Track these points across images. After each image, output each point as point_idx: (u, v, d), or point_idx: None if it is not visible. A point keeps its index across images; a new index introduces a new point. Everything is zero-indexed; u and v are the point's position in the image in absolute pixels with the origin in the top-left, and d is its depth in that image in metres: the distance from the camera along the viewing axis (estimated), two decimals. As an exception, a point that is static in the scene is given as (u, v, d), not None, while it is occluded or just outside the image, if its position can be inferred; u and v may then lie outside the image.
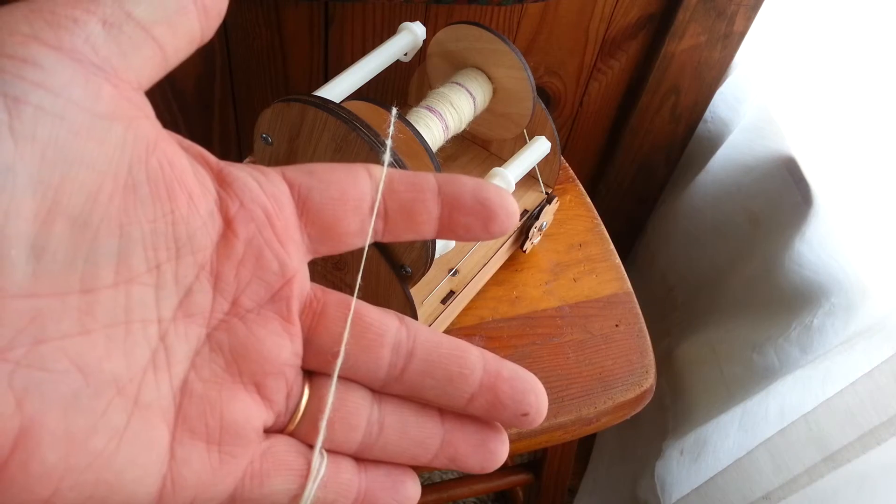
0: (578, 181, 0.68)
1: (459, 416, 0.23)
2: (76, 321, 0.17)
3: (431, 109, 0.51)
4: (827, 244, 0.69)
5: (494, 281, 0.59)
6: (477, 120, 0.55)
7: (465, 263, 0.56)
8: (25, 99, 0.16)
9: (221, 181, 0.21)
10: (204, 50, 0.66)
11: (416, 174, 0.22)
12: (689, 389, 0.86)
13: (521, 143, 0.58)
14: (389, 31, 0.65)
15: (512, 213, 0.22)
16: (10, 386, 0.16)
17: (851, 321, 0.65)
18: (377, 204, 0.22)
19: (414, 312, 0.48)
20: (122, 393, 0.18)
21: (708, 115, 0.87)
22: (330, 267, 0.50)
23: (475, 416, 0.23)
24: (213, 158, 0.21)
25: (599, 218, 0.65)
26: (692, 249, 0.92)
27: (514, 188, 0.51)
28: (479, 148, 0.64)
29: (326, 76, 0.72)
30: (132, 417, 0.19)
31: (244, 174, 0.21)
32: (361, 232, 0.22)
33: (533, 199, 0.61)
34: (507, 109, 0.56)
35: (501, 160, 0.62)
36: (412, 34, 0.52)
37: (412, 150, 0.45)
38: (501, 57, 0.53)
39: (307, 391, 0.22)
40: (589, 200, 0.66)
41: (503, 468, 0.79)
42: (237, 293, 0.21)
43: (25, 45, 0.17)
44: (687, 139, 0.89)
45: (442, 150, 0.53)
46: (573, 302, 0.59)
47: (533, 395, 0.22)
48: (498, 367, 0.22)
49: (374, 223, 0.22)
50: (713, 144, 0.87)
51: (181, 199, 0.19)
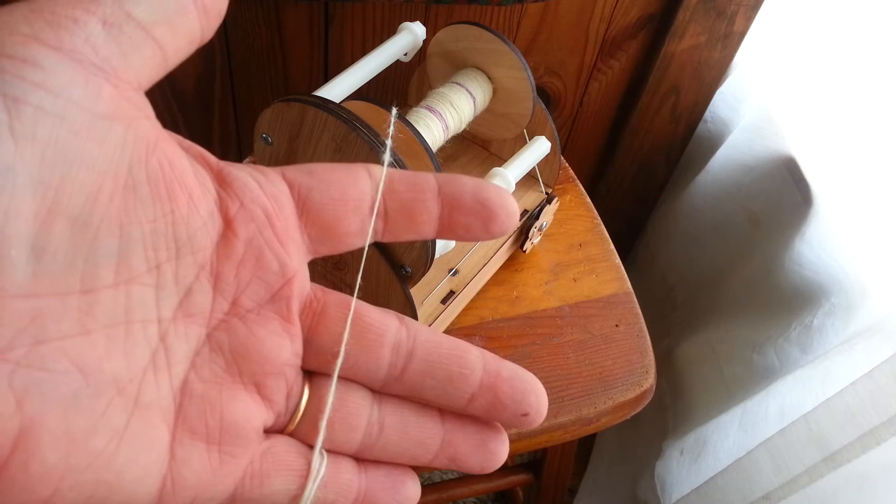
0: (578, 181, 0.68)
1: (459, 416, 0.23)
2: (76, 321, 0.17)
3: (431, 109, 0.51)
4: (827, 244, 0.69)
5: (494, 281, 0.59)
6: (477, 120, 0.55)
7: (465, 263, 0.56)
8: (25, 99, 0.16)
9: (221, 181, 0.21)
10: (204, 50, 0.66)
11: (416, 174, 0.22)
12: (689, 389, 0.86)
13: (521, 143, 0.58)
14: (389, 31, 0.65)
15: (512, 213, 0.22)
16: (10, 386, 0.16)
17: (851, 321, 0.65)
18: (377, 204, 0.22)
19: (414, 312, 0.48)
20: (122, 393, 0.18)
21: (708, 115, 0.87)
22: (330, 267, 0.50)
23: (475, 416, 0.23)
24: (213, 158, 0.21)
25: (599, 218, 0.65)
26: (692, 249, 0.92)
27: (514, 188, 0.51)
28: (479, 148, 0.64)
29: (326, 76, 0.72)
30: (132, 417, 0.19)
31: (244, 174, 0.21)
32: (361, 232, 0.22)
33: (533, 199, 0.61)
34: (507, 109, 0.56)
35: (501, 160, 0.62)
36: (412, 34, 0.52)
37: (412, 150, 0.45)
38: (501, 57, 0.53)
39: (307, 391, 0.22)
40: (589, 200, 0.66)
41: (503, 468, 0.79)
42: (237, 293, 0.21)
43: (25, 45, 0.17)
44: (687, 139, 0.89)
45: (442, 150, 0.53)
46: (573, 302, 0.59)
47: (533, 395, 0.22)
48: (498, 367, 0.22)
49: (374, 223, 0.22)
50: (713, 144, 0.87)
51: (181, 199, 0.19)
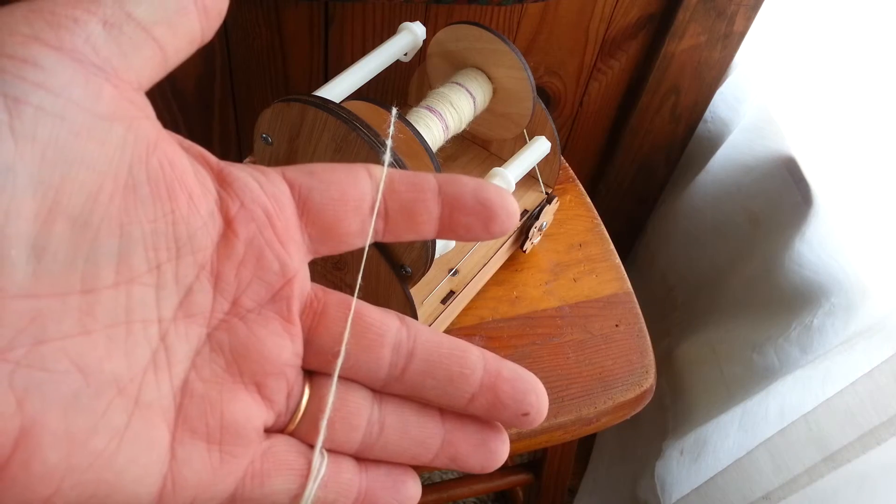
0: (578, 181, 0.68)
1: (460, 415, 0.23)
2: (77, 321, 0.17)
3: (431, 109, 0.51)
4: (827, 244, 0.69)
5: (494, 281, 0.59)
6: (477, 120, 0.55)
7: (465, 263, 0.56)
8: (26, 99, 0.16)
9: (222, 181, 0.21)
10: (204, 50, 0.66)
11: (416, 174, 0.22)
12: (689, 389, 0.86)
13: (521, 143, 0.58)
14: (389, 31, 0.65)
15: (512, 213, 0.22)
16: (10, 386, 0.16)
17: (851, 321, 0.65)
18: (377, 204, 0.22)
19: (414, 312, 0.48)
20: (122, 393, 0.18)
21: (708, 115, 0.87)
22: (330, 267, 0.50)
23: (476, 415, 0.23)
24: (213, 158, 0.21)
25: (599, 218, 0.65)
26: (692, 249, 0.92)
27: (514, 188, 0.51)
28: (479, 148, 0.64)
29: (326, 76, 0.72)
30: (133, 417, 0.19)
31: (245, 174, 0.21)
32: (362, 232, 0.22)
33: (533, 199, 0.61)
34: (507, 109, 0.56)
35: (501, 160, 0.62)
36: (412, 34, 0.52)
37: (412, 150, 0.45)
38: (501, 57, 0.53)
39: (307, 391, 0.22)
40: (589, 200, 0.66)
41: (503, 468, 0.79)
42: (238, 293, 0.21)
43: (26, 45, 0.17)
44: (687, 139, 0.89)
45: (442, 150, 0.53)
46: (573, 302, 0.59)
47: (533, 394, 0.22)
48: (498, 366, 0.22)
49: (374, 223, 0.22)
50: (713, 144, 0.87)
51: (181, 199, 0.19)
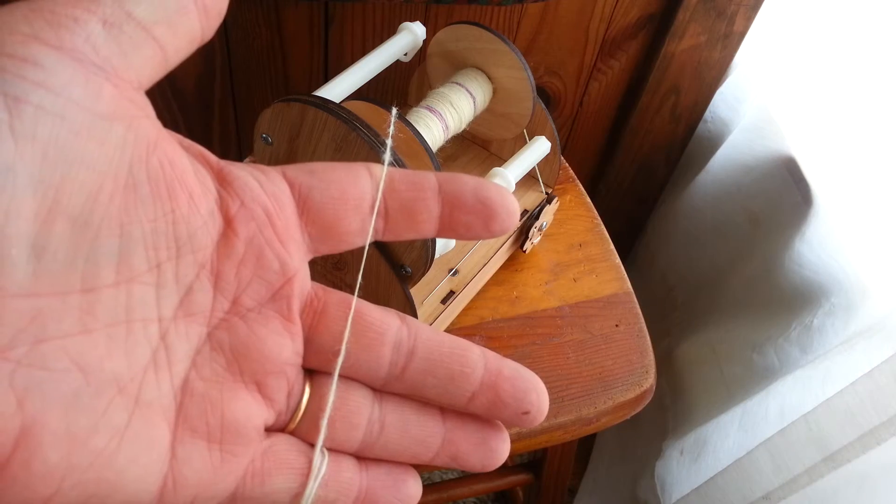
0: (578, 181, 0.68)
1: (460, 414, 0.23)
2: (77, 320, 0.17)
3: (431, 109, 0.51)
4: (827, 244, 0.69)
5: (494, 281, 0.59)
6: (477, 120, 0.55)
7: (465, 263, 0.56)
8: (26, 98, 0.16)
9: (222, 180, 0.21)
10: (204, 50, 0.66)
11: (416, 173, 0.22)
12: (689, 389, 0.86)
13: (521, 143, 0.58)
14: (389, 31, 0.65)
15: (513, 211, 0.22)
16: (11, 385, 0.16)
17: (851, 321, 0.65)
18: (378, 203, 0.22)
19: (414, 312, 0.48)
20: (123, 392, 0.18)
21: (708, 115, 0.87)
22: (330, 267, 0.50)
23: (476, 414, 0.23)
24: (213, 158, 0.21)
25: (599, 218, 0.65)
26: (692, 249, 0.92)
27: (514, 188, 0.51)
28: (479, 148, 0.64)
29: (326, 76, 0.72)
30: (133, 416, 0.19)
31: (245, 173, 0.21)
32: (362, 231, 0.22)
33: (533, 199, 0.61)
34: (507, 109, 0.56)
35: (501, 160, 0.62)
36: (412, 34, 0.52)
37: (412, 150, 0.45)
38: (501, 57, 0.53)
39: (308, 390, 0.22)
40: (589, 200, 0.66)
41: (503, 468, 0.79)
42: (238, 292, 0.21)
43: (26, 44, 0.17)
44: (687, 139, 0.89)
45: (442, 150, 0.53)
46: (573, 302, 0.59)
47: (534, 393, 0.22)
48: (499, 365, 0.22)
49: (374, 222, 0.22)
50: (713, 144, 0.87)
51: (182, 198, 0.19)
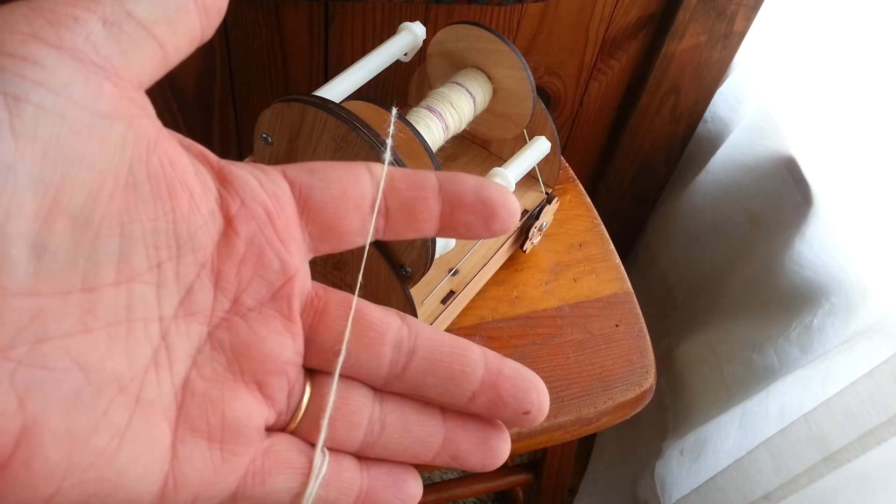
0: (578, 181, 0.68)
1: (461, 414, 0.23)
2: (78, 320, 0.17)
3: (431, 109, 0.51)
4: (827, 244, 0.69)
5: (494, 281, 0.59)
6: (477, 120, 0.55)
7: (465, 263, 0.56)
8: (26, 97, 0.16)
9: (222, 180, 0.21)
10: (204, 49, 0.66)
11: (417, 172, 0.22)
12: (689, 389, 0.86)
13: (521, 143, 0.58)
14: (389, 31, 0.65)
15: (513, 211, 0.22)
16: (11, 385, 0.16)
17: (851, 321, 0.65)
18: (378, 202, 0.22)
19: (414, 312, 0.48)
20: (123, 391, 0.18)
21: (708, 115, 0.87)
22: (330, 267, 0.50)
23: (477, 414, 0.23)
24: (213, 157, 0.21)
25: (599, 218, 0.65)
26: (692, 249, 0.92)
27: (514, 188, 0.51)
28: (479, 148, 0.64)
29: (326, 76, 0.72)
30: (134, 416, 0.18)
31: (245, 173, 0.21)
32: (362, 230, 0.22)
33: (533, 199, 0.61)
34: (507, 109, 0.56)
35: (501, 160, 0.62)
36: (412, 34, 0.52)
37: (412, 150, 0.45)
38: (501, 57, 0.53)
39: (308, 389, 0.22)
40: (589, 200, 0.66)
41: (503, 468, 0.79)
42: (238, 291, 0.21)
43: (26, 43, 0.17)
44: (687, 139, 0.89)
45: (442, 150, 0.53)
46: (573, 302, 0.59)
47: (535, 393, 0.22)
48: (499, 365, 0.22)
49: (375, 221, 0.22)
50: (713, 144, 0.87)
51: (182, 197, 0.19)
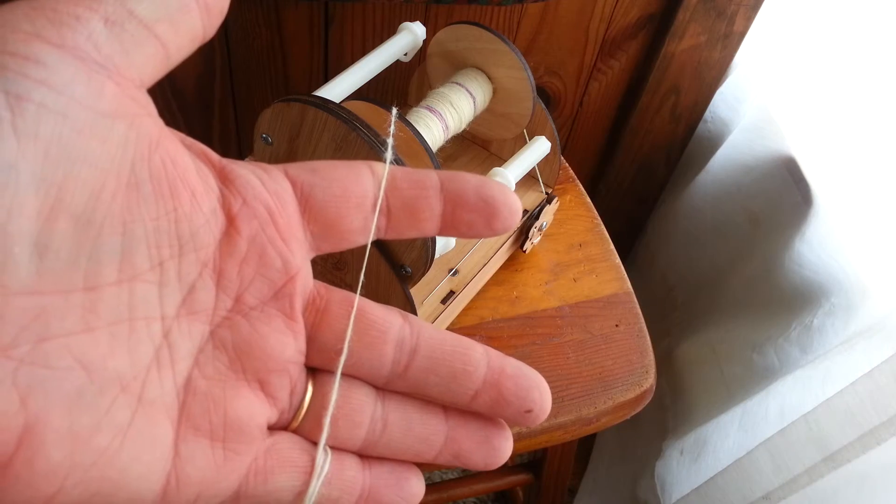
0: (578, 181, 0.68)
1: (463, 412, 0.23)
2: (80, 318, 0.17)
3: (431, 109, 0.51)
4: (827, 244, 0.69)
5: (494, 281, 0.59)
6: (477, 120, 0.55)
7: (465, 263, 0.56)
8: (28, 96, 0.16)
9: (224, 178, 0.21)
10: (204, 49, 0.66)
11: (418, 171, 0.22)
12: (689, 389, 0.86)
13: (521, 143, 0.58)
14: (389, 31, 0.65)
15: (515, 209, 0.22)
16: (13, 383, 0.16)
17: (851, 321, 0.65)
18: (380, 201, 0.22)
19: (414, 312, 0.48)
20: (126, 390, 0.18)
21: (708, 115, 0.87)
22: (330, 267, 0.50)
23: (479, 412, 0.23)
24: (215, 156, 0.21)
25: (599, 218, 0.65)
26: (692, 249, 0.92)
27: (514, 188, 0.51)
28: (479, 148, 0.64)
29: (326, 76, 0.72)
30: (136, 415, 0.18)
31: (247, 171, 0.21)
32: (364, 229, 0.22)
33: (533, 199, 0.61)
34: (507, 109, 0.56)
35: (501, 160, 0.62)
36: (412, 34, 0.52)
37: (412, 150, 0.45)
38: (501, 57, 0.53)
39: (311, 388, 0.22)
40: (589, 200, 0.66)
41: (503, 468, 0.79)
42: (240, 290, 0.21)
43: (28, 42, 0.17)
44: (687, 139, 0.89)
45: (442, 150, 0.53)
46: (573, 302, 0.59)
47: (537, 391, 0.22)
48: (502, 363, 0.22)
49: (376, 220, 0.22)
50: (713, 144, 0.87)
51: (184, 196, 0.19)
